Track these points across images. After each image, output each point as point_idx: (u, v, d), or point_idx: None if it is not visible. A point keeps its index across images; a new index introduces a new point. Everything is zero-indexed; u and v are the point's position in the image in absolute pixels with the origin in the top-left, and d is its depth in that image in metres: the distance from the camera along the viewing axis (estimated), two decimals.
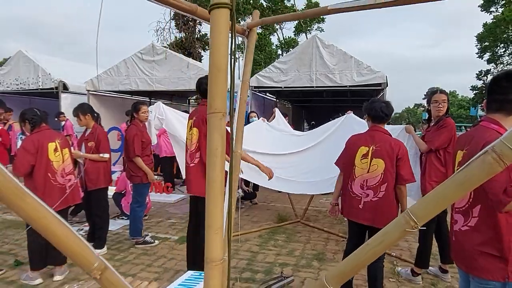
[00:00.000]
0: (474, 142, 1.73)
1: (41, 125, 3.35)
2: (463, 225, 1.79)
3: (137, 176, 4.12)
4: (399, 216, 0.71)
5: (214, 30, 0.84)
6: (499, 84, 1.74)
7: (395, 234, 0.71)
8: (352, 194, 2.84)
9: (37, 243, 3.21)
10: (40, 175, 3.19)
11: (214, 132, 0.85)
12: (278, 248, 4.32)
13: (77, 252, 0.73)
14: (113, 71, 9.93)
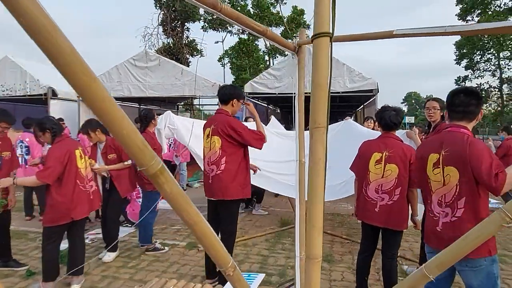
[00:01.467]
0: (453, 145, 2.01)
1: (61, 134, 3.36)
2: (452, 217, 2.01)
3: (150, 184, 4.16)
4: (494, 213, 0.83)
5: (317, 55, 0.96)
6: (459, 98, 2.08)
7: (492, 229, 0.84)
8: (367, 198, 2.99)
9: (55, 254, 3.24)
10: (71, 183, 3.21)
11: (318, 144, 0.97)
12: (286, 251, 4.43)
13: (220, 251, 0.82)
14: (104, 78, 9.87)
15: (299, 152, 1.64)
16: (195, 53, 19.31)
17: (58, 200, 3.15)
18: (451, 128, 2.11)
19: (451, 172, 2.01)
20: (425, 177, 2.20)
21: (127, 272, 3.77)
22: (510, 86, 20.43)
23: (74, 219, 3.21)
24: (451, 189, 2.02)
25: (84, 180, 3.36)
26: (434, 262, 0.89)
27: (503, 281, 3.63)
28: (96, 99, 0.56)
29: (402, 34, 1.19)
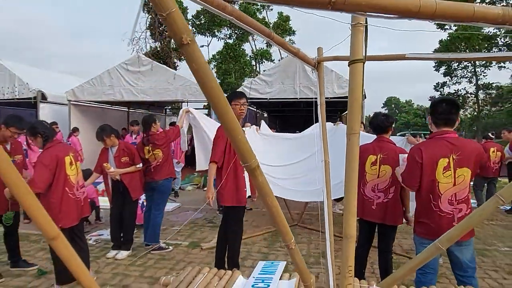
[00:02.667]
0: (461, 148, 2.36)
1: (53, 139, 3.29)
2: (466, 210, 2.32)
3: None
4: (492, 198, 1.10)
5: (354, 75, 1.22)
6: (441, 107, 2.43)
7: (490, 209, 1.11)
8: (365, 197, 3.27)
9: None
10: (59, 190, 3.17)
11: (354, 146, 1.22)
12: (285, 249, 4.67)
13: (286, 228, 1.07)
14: (96, 82, 9.90)
15: (324, 153, 1.89)
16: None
17: (45, 209, 3.14)
18: (449, 134, 2.43)
19: (464, 173, 2.33)
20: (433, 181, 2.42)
21: (136, 269, 3.93)
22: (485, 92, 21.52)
23: (62, 227, 3.14)
24: (464, 188, 2.34)
25: (74, 187, 3.30)
26: (445, 236, 1.16)
27: (484, 271, 3.99)
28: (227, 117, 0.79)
29: (413, 57, 1.46)
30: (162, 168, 4.44)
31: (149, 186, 4.48)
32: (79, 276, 1.25)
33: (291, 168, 5.44)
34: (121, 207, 4.32)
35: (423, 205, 2.51)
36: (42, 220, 1.10)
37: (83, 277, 1.25)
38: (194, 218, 6.26)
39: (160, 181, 4.41)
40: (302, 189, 5.17)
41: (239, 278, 1.87)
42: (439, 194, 2.40)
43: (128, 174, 4.22)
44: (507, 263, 4.25)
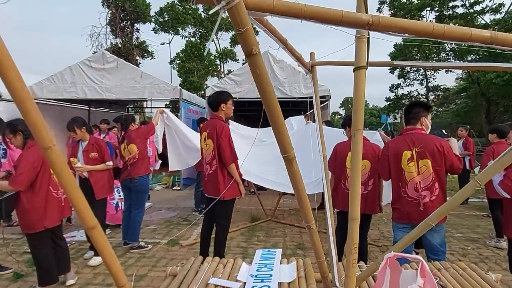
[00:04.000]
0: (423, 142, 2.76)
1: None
2: (431, 197, 2.69)
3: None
4: (471, 181, 1.34)
5: (358, 80, 1.41)
6: (413, 109, 2.91)
7: (469, 192, 1.35)
8: (346, 191, 3.54)
9: (48, 258, 3.18)
10: (43, 190, 3.12)
11: (359, 142, 1.42)
12: (262, 243, 4.86)
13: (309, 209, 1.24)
14: (56, 78, 9.49)
15: (322, 147, 2.08)
16: (146, 54, 19.01)
17: (29, 208, 3.05)
18: (416, 130, 2.81)
19: (426, 163, 2.68)
20: (399, 170, 2.81)
21: None
22: (434, 94, 23.20)
23: (46, 227, 3.12)
24: (428, 176, 2.68)
25: (57, 186, 3.26)
26: (435, 214, 1.39)
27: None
28: (275, 113, 0.95)
29: (401, 64, 1.69)
30: (138, 164, 4.39)
31: (124, 185, 4.46)
32: (110, 264, 1.34)
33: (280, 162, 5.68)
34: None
35: (395, 193, 2.90)
36: (84, 210, 1.18)
37: (113, 265, 1.34)
38: (168, 217, 6.28)
39: (136, 179, 4.36)
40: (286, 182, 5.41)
41: (243, 265, 2.01)
42: (405, 182, 2.80)
43: (96, 172, 4.00)
44: (461, 247, 4.74)
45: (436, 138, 2.83)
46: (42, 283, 3.17)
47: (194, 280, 1.81)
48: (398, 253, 1.24)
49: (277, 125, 0.99)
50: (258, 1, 0.80)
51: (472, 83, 20.05)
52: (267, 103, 0.94)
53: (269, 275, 1.82)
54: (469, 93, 21.97)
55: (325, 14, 0.84)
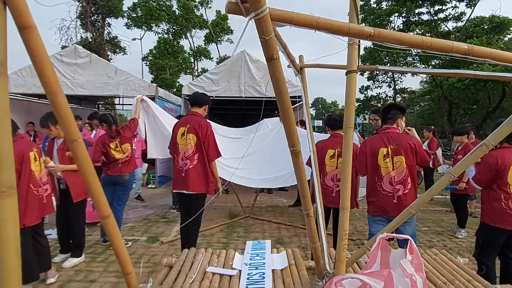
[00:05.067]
0: (397, 140, 3.01)
1: (16, 132, 3.15)
2: (404, 190, 2.95)
3: None
4: (446, 174, 1.53)
5: (349, 84, 1.55)
6: (390, 110, 3.19)
7: (444, 184, 1.54)
8: (325, 186, 3.73)
9: (28, 255, 3.11)
10: (24, 186, 3.06)
11: (350, 139, 1.58)
12: (242, 238, 4.98)
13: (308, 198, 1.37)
14: (25, 72, 9.13)
15: (312, 145, 2.23)
16: (118, 50, 18.53)
17: None
18: (390, 129, 3.03)
19: (400, 159, 2.90)
20: (375, 166, 3.03)
21: (99, 265, 3.91)
22: (401, 96, 24.28)
23: (25, 225, 3.05)
24: (402, 171, 2.88)
25: (38, 184, 3.21)
26: (415, 203, 1.57)
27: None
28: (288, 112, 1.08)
29: (385, 69, 1.87)
30: (130, 162, 4.44)
31: (110, 181, 4.41)
32: (119, 252, 1.42)
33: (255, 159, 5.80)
34: (65, 209, 3.89)
35: (371, 187, 3.14)
36: (101, 200, 1.26)
37: (122, 254, 1.42)
38: (146, 215, 6.25)
39: (126, 175, 4.38)
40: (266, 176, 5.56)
41: (236, 255, 2.12)
42: (381, 177, 3.05)
43: (72, 172, 3.76)
44: (428, 240, 5.09)
45: (408, 136, 3.09)
46: (22, 280, 3.11)
47: (192, 269, 1.90)
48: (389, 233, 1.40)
49: (288, 122, 1.11)
50: (281, 13, 0.92)
51: (436, 87, 21.12)
52: (282, 102, 1.06)
53: (262, 263, 1.95)
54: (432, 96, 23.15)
55: (336, 26, 0.97)
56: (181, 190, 3.76)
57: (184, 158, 3.75)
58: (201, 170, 3.70)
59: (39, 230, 3.35)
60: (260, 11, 0.87)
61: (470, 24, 19.96)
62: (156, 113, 5.25)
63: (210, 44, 23.53)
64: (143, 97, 5.02)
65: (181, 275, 1.84)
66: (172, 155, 3.90)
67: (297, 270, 1.91)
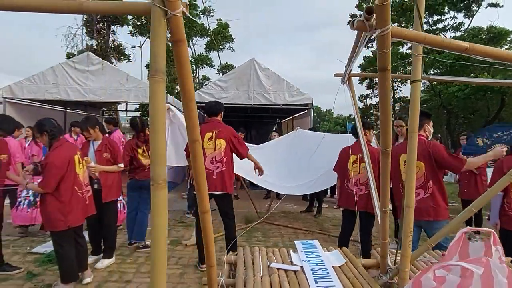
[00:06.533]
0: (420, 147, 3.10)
1: (59, 137, 3.26)
2: (425, 194, 3.08)
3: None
4: (505, 176, 1.67)
5: (414, 94, 1.70)
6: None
7: (504, 184, 1.68)
8: (348, 191, 3.87)
9: (71, 257, 3.22)
10: (69, 190, 3.15)
11: (414, 143, 1.72)
12: (262, 243, 5.08)
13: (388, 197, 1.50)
14: (38, 78, 9.23)
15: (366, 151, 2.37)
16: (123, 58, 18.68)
17: (54, 208, 3.10)
18: None
19: (419, 165, 3.03)
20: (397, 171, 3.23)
21: (130, 267, 3.99)
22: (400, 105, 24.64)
23: (70, 226, 3.17)
24: (420, 176, 3.02)
25: (82, 186, 3.32)
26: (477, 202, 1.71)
27: None
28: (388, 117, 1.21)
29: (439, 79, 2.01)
30: None
31: (136, 185, 4.51)
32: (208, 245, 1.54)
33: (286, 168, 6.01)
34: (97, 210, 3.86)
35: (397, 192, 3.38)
36: (204, 196, 1.38)
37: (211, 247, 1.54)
38: None
39: None
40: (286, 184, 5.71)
41: (290, 253, 2.24)
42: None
43: (106, 174, 3.97)
44: None
45: (433, 143, 3.18)
46: (64, 280, 3.20)
47: (255, 265, 2.02)
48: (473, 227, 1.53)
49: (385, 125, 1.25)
50: (398, 30, 1.06)
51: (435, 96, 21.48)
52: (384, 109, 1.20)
53: (320, 260, 2.07)
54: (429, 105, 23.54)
55: (439, 42, 1.11)
56: (210, 192, 3.92)
57: (214, 162, 3.94)
58: (230, 172, 4.03)
59: (79, 231, 3.44)
60: (385, 28, 1.01)
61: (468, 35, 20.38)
62: (183, 121, 5.37)
63: (211, 52, 23.77)
64: (170, 106, 5.15)
65: (248, 270, 1.95)
66: None
67: (354, 267, 2.03)
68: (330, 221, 6.53)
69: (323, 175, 5.40)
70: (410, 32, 1.08)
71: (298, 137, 6.71)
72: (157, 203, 1.02)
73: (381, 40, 1.02)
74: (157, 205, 1.02)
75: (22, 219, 4.90)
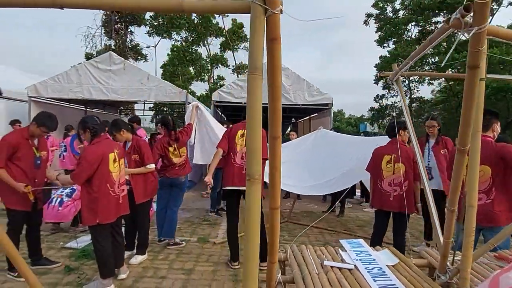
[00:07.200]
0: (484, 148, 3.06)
1: (100, 134, 3.34)
2: (487, 199, 2.93)
3: None
4: None
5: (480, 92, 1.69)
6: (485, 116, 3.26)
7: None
8: (382, 191, 3.84)
9: (107, 252, 3.27)
10: (99, 185, 3.20)
11: (477, 143, 1.70)
12: (289, 242, 5.07)
13: (457, 196, 1.49)
14: (62, 78, 9.42)
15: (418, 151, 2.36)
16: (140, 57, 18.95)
17: (85, 203, 3.21)
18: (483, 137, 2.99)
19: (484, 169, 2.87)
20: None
21: (163, 263, 4.04)
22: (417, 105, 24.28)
23: (99, 223, 3.19)
24: (485, 181, 2.90)
25: (114, 184, 3.34)
26: None
27: None
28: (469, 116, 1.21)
29: None
30: (186, 165, 4.62)
31: (166, 183, 4.57)
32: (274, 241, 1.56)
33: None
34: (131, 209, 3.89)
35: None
36: (276, 192, 1.40)
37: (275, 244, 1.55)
38: (186, 218, 6.38)
39: (183, 178, 4.56)
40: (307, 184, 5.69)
41: (339, 251, 2.25)
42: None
43: (136, 176, 3.99)
44: None
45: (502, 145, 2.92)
46: (102, 275, 3.26)
47: (308, 263, 2.03)
48: None
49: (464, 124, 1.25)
50: (493, 28, 1.06)
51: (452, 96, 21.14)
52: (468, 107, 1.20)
53: (372, 259, 2.06)
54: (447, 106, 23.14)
55: None
56: (239, 187, 3.94)
57: (244, 157, 3.96)
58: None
59: (117, 228, 3.51)
60: (482, 26, 1.01)
61: None
62: (210, 121, 5.43)
63: (225, 51, 23.86)
64: (198, 105, 5.21)
65: (302, 267, 1.96)
66: (228, 153, 4.04)
67: (407, 266, 2.03)
68: (353, 221, 6.50)
69: (344, 175, 5.36)
70: (503, 31, 1.07)
71: (322, 137, 6.68)
72: (253, 197, 1.05)
73: (476, 38, 1.02)
74: (252, 199, 1.05)
75: (52, 216, 4.99)
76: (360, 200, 8.39)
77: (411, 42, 22.26)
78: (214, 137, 5.53)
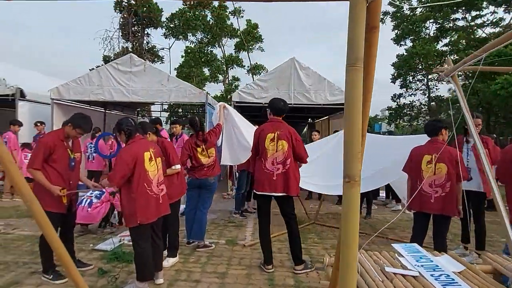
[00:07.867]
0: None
1: (135, 135, 3.33)
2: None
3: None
4: None
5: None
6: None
7: None
8: (422, 192, 3.67)
9: (147, 255, 3.22)
10: (136, 185, 3.17)
11: None
12: (319, 244, 4.97)
13: None
14: (83, 80, 9.52)
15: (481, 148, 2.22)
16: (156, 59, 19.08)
17: (125, 204, 3.21)
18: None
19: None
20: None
21: (195, 266, 3.98)
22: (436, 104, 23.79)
23: (141, 223, 3.14)
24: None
25: (152, 183, 3.29)
26: None
27: None
28: None
29: None
30: (215, 166, 4.56)
31: (195, 184, 4.51)
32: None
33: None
34: None
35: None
36: None
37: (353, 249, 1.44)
38: (211, 219, 6.31)
39: (212, 179, 4.49)
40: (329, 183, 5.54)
41: (396, 257, 2.13)
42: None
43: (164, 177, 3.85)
44: None
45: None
46: (140, 277, 3.20)
47: (368, 269, 1.92)
48: None
49: None
50: None
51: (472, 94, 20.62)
52: None
53: (436, 265, 1.94)
54: None
55: None
56: (270, 193, 3.87)
57: (275, 163, 3.86)
58: (292, 174, 3.85)
59: (157, 228, 3.46)
60: None
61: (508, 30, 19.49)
62: (237, 120, 5.35)
63: (240, 52, 23.83)
64: (225, 105, 5.14)
65: (363, 274, 1.86)
66: (259, 158, 3.96)
67: (473, 273, 1.90)
68: (382, 223, 6.33)
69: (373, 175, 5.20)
70: None
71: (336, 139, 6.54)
72: (352, 199, 0.98)
73: None
74: (351, 201, 0.98)
75: (82, 217, 4.98)
76: (386, 201, 8.20)
77: (429, 40, 21.87)
78: (241, 137, 5.46)
